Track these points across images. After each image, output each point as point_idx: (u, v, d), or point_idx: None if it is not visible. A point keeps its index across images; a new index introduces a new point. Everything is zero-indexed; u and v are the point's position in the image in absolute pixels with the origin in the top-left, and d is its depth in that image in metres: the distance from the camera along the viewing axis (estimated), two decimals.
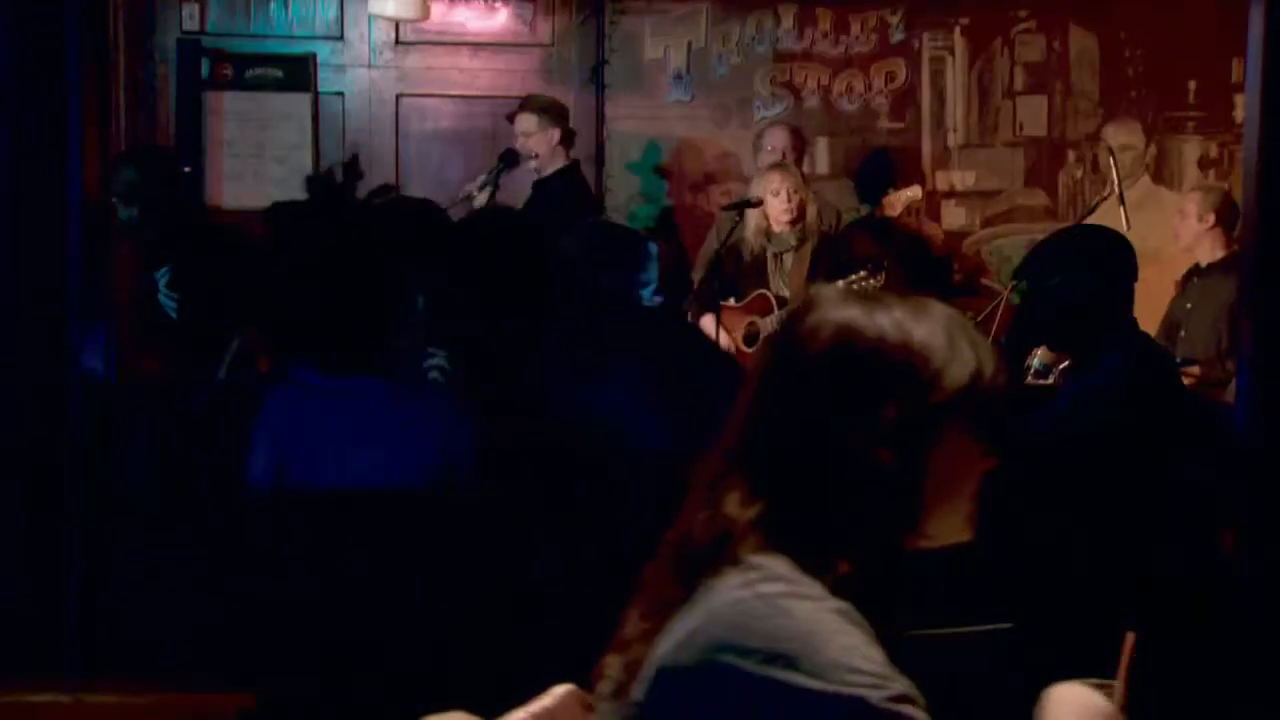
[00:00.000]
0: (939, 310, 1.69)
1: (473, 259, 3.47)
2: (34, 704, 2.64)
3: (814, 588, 1.56)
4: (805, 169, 6.95)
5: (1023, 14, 7.22)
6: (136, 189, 4.88)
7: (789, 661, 1.49)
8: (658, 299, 4.10)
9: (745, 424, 1.69)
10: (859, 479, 1.61)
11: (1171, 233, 6.36)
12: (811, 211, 6.15)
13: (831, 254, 6.05)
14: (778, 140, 6.59)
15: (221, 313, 4.01)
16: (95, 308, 3.06)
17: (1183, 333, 6.11)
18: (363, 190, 3.46)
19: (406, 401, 3.03)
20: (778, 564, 1.57)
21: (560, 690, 1.83)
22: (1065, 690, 1.69)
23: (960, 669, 1.75)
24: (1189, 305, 6.17)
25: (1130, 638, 1.78)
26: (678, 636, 1.57)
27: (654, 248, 4.03)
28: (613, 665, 1.67)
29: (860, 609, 1.56)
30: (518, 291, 3.43)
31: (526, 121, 6.25)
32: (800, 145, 6.70)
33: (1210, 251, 6.18)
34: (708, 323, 5.85)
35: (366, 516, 2.99)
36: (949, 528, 1.69)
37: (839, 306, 1.67)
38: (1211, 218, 6.15)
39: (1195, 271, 6.25)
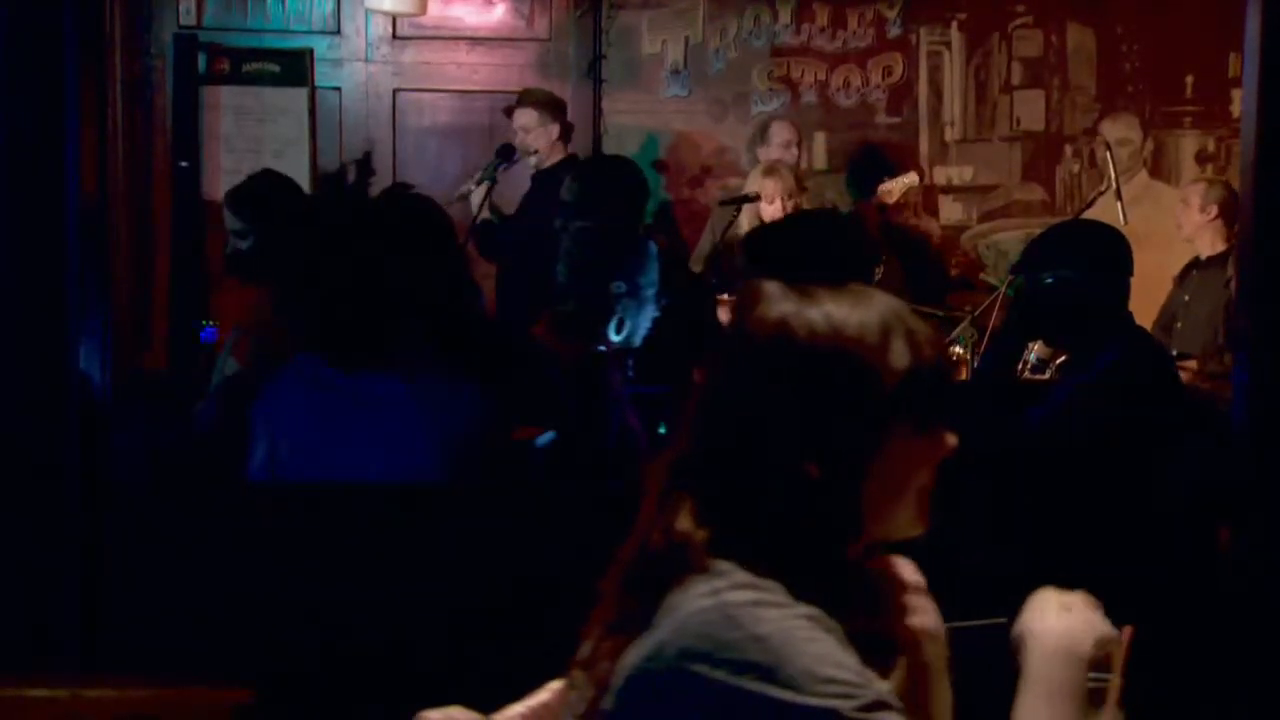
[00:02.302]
0: (877, 301, 1.65)
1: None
2: (32, 698, 2.64)
3: (781, 594, 1.53)
4: (803, 164, 6.97)
5: (1020, 9, 7.21)
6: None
7: (761, 672, 1.48)
8: (662, 301, 4.13)
9: (693, 430, 1.66)
10: (792, 489, 1.58)
11: (1172, 224, 6.38)
12: None
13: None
14: (787, 135, 6.62)
15: None
16: (93, 304, 3.05)
17: (1179, 325, 6.12)
18: (374, 188, 3.45)
19: (424, 399, 3.02)
20: (741, 571, 1.55)
21: (557, 685, 1.83)
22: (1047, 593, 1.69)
23: (955, 664, 1.75)
24: (1186, 298, 6.18)
25: (1127, 632, 1.78)
26: (647, 647, 1.55)
27: (654, 248, 4.04)
28: (580, 681, 1.65)
29: (830, 610, 1.55)
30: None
31: (526, 116, 6.24)
32: (801, 140, 6.74)
33: (1210, 244, 6.19)
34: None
35: (365, 511, 2.99)
36: (899, 524, 1.66)
37: (776, 302, 1.64)
38: (1214, 209, 6.15)
39: (1194, 264, 6.26)
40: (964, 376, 5.07)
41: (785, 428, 1.59)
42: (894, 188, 6.44)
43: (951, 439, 1.66)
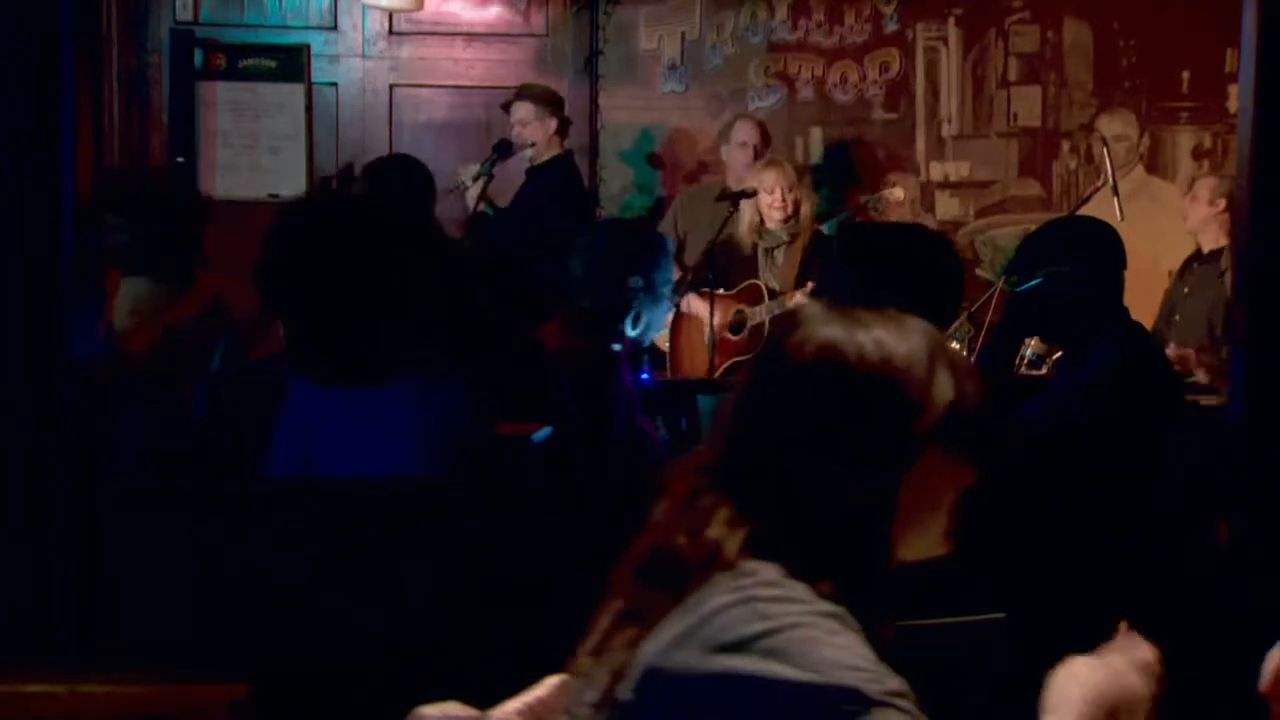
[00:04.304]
0: (920, 330, 1.69)
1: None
2: (28, 694, 2.64)
3: (806, 592, 1.56)
4: (800, 160, 6.96)
5: (1016, 4, 7.21)
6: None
7: (785, 658, 1.50)
8: (675, 298, 4.14)
9: (729, 438, 1.69)
10: (830, 507, 1.60)
11: (1168, 219, 6.38)
12: (806, 208, 6.15)
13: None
14: (750, 135, 6.57)
15: None
16: (89, 301, 3.05)
17: (1177, 317, 6.14)
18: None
19: (408, 395, 3.02)
20: (769, 570, 1.57)
21: (553, 681, 1.83)
22: (1073, 666, 1.70)
23: (953, 659, 1.76)
24: (1186, 290, 6.19)
25: (1123, 627, 1.78)
26: (668, 637, 1.56)
27: (670, 244, 4.07)
28: (590, 669, 1.66)
29: (852, 612, 1.57)
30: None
31: (523, 110, 6.24)
32: (767, 140, 6.68)
33: (1214, 238, 6.19)
34: (698, 308, 5.85)
35: (361, 507, 2.99)
36: (923, 545, 1.69)
37: (822, 324, 1.67)
38: (1223, 203, 6.16)
39: (1196, 257, 6.27)
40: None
41: (828, 447, 1.62)
42: (878, 200, 6.41)
43: (970, 469, 1.69)
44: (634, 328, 3.83)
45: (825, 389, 1.63)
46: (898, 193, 6.46)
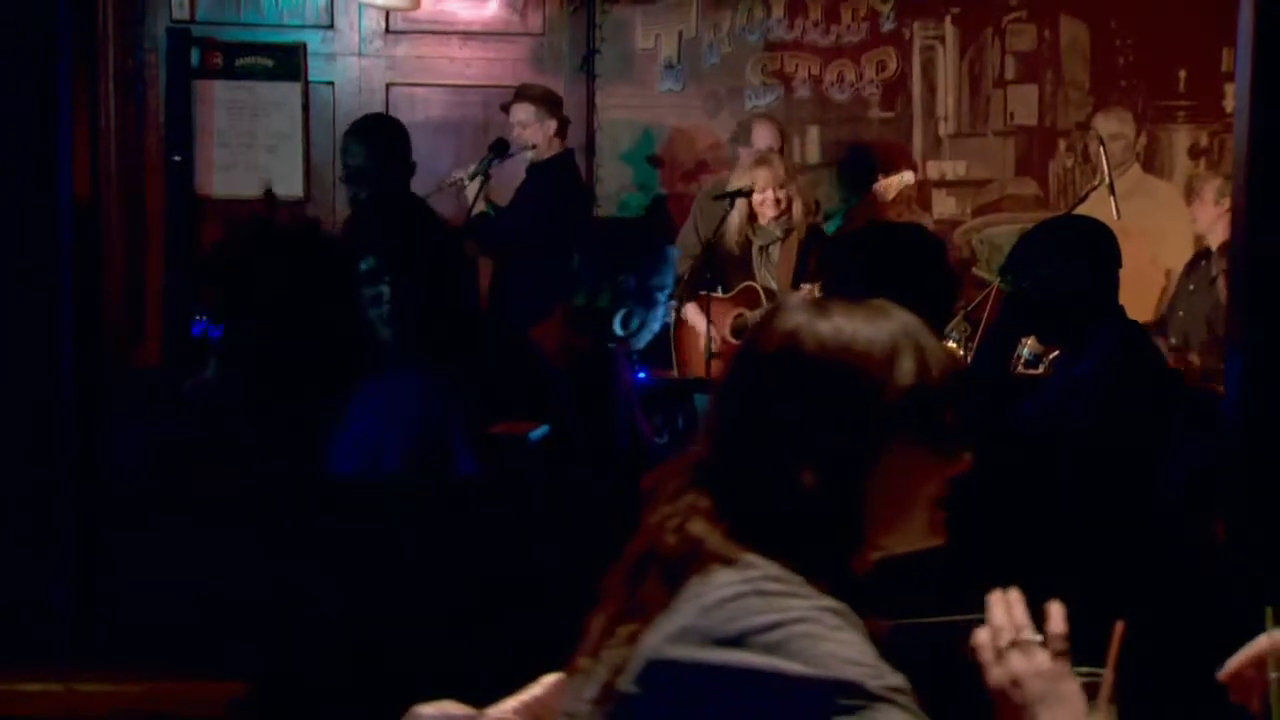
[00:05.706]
0: (891, 318, 1.68)
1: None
2: (26, 692, 2.64)
3: (807, 587, 1.57)
4: (796, 159, 6.96)
5: (1013, 3, 7.22)
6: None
7: (787, 652, 1.51)
8: (672, 304, 4.15)
9: (710, 433, 1.70)
10: (797, 497, 1.61)
11: (1165, 218, 6.38)
12: (798, 205, 6.15)
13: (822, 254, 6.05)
14: (769, 137, 6.58)
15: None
16: (86, 300, 3.05)
17: (1180, 313, 6.15)
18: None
19: (385, 392, 3.04)
20: (771, 564, 1.58)
21: (551, 680, 1.83)
22: None
23: (949, 657, 1.76)
24: (1192, 287, 6.21)
25: (1119, 626, 1.78)
26: (669, 630, 1.57)
27: (675, 252, 4.07)
28: (589, 665, 1.66)
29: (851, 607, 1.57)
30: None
31: (523, 111, 6.24)
32: (783, 139, 6.70)
33: (1223, 236, 6.20)
34: (694, 313, 5.85)
35: (359, 505, 3.00)
36: (908, 536, 1.69)
37: (791, 315, 1.68)
38: (1227, 202, 6.16)
39: (1204, 255, 6.28)
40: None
41: (788, 436, 1.63)
42: (888, 188, 6.42)
43: (965, 456, 1.68)
44: (624, 328, 3.83)
45: (785, 378, 1.64)
46: (908, 176, 6.45)
